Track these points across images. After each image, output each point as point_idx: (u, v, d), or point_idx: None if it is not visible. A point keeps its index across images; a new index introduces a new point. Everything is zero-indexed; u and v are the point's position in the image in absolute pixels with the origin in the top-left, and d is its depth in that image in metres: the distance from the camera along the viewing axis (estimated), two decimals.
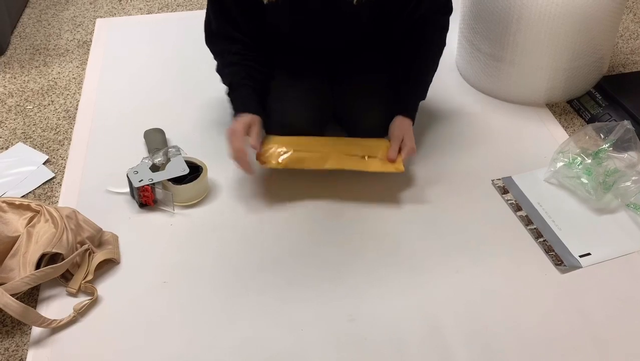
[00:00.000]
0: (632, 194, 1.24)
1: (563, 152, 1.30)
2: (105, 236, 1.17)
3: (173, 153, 1.27)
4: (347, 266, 1.14)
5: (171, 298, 1.08)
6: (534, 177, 1.33)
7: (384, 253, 1.16)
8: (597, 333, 1.03)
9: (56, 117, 1.53)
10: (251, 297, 1.09)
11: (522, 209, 1.25)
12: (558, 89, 1.54)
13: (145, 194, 1.23)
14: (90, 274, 1.09)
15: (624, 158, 1.30)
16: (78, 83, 1.64)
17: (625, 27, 1.88)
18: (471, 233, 1.21)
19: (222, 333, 1.03)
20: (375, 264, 1.14)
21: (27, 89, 1.63)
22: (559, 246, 1.17)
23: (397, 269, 1.13)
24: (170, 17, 1.94)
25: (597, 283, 1.11)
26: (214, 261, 1.15)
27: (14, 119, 1.52)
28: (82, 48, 1.79)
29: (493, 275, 1.12)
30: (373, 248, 1.17)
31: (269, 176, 1.32)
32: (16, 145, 1.42)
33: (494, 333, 1.03)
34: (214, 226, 1.22)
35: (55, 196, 1.30)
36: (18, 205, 1.13)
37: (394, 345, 1.01)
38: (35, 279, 1.03)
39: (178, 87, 1.61)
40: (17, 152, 1.41)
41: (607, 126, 1.34)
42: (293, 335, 1.02)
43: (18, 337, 1.03)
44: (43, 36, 1.86)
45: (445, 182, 1.32)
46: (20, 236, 1.08)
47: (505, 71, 1.52)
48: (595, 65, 1.54)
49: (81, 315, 1.05)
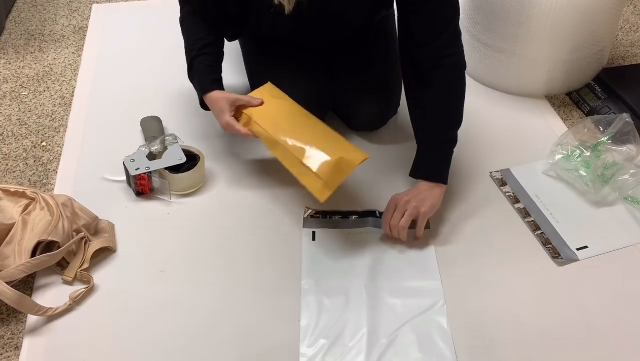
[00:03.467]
0: (630, 187, 1.24)
1: (561, 145, 1.30)
2: (101, 224, 1.16)
3: (170, 141, 1.27)
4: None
5: (167, 287, 1.08)
6: (532, 170, 1.32)
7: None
8: (594, 325, 1.03)
9: (52, 103, 1.51)
10: (248, 286, 1.08)
11: (520, 202, 1.25)
12: (557, 81, 1.53)
13: (142, 183, 1.22)
14: (86, 262, 1.09)
15: (623, 151, 1.30)
16: (74, 69, 1.63)
17: (626, 19, 1.87)
18: (468, 224, 1.20)
19: (219, 322, 1.03)
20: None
21: (22, 74, 1.61)
22: (556, 239, 1.17)
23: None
24: (167, 2, 1.91)
25: (594, 276, 1.11)
26: (211, 249, 1.15)
27: (9, 105, 1.51)
28: (78, 34, 1.78)
29: (490, 267, 1.12)
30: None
31: (265, 165, 1.31)
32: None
33: (490, 324, 1.03)
34: (210, 214, 1.22)
35: (51, 184, 1.29)
36: (13, 192, 1.12)
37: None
38: (30, 267, 1.03)
39: (175, 74, 1.59)
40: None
41: (606, 118, 1.34)
42: (291, 325, 1.02)
43: (13, 325, 1.03)
44: (38, 21, 1.84)
45: None
46: (16, 223, 1.07)
47: (504, 62, 1.51)
48: (595, 57, 1.53)
49: (77, 303, 1.05)
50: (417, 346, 0.98)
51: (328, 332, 1.00)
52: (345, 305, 1.04)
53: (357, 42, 1.36)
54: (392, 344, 0.98)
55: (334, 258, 1.13)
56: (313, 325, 1.01)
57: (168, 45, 1.71)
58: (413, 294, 1.06)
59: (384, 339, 0.99)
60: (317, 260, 1.12)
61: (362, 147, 1.37)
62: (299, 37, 1.30)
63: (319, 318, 1.02)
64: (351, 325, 1.01)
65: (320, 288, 1.07)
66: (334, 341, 0.99)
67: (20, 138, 1.41)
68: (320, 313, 1.03)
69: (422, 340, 0.99)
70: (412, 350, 0.97)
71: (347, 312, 1.03)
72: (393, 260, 1.12)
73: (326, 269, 1.10)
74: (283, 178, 1.29)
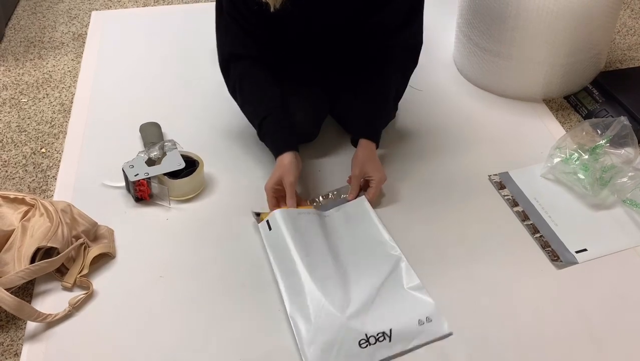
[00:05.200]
0: (628, 190, 1.24)
1: (560, 148, 1.30)
2: (100, 230, 1.16)
3: (169, 147, 1.27)
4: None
5: (167, 293, 1.08)
6: (530, 173, 1.33)
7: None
8: (593, 328, 1.03)
9: (51, 110, 1.52)
10: (248, 291, 1.08)
11: (518, 205, 1.25)
12: (555, 85, 1.53)
13: (141, 189, 1.22)
14: (85, 268, 1.09)
15: (621, 154, 1.30)
16: (73, 76, 1.63)
17: (623, 22, 1.88)
18: (467, 228, 1.20)
19: (219, 327, 1.03)
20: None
21: (21, 82, 1.62)
22: (555, 242, 1.17)
23: None
24: (167, 9, 1.93)
25: (593, 279, 1.11)
26: (210, 255, 1.15)
27: (9, 112, 1.51)
28: (78, 41, 1.78)
29: (489, 271, 1.12)
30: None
31: (265, 171, 1.32)
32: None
33: (490, 328, 1.03)
34: (209, 220, 1.22)
35: (51, 190, 1.29)
36: (13, 199, 1.12)
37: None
38: (30, 274, 1.03)
39: (174, 80, 1.60)
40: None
41: (604, 122, 1.34)
42: (291, 330, 1.02)
43: (13, 332, 1.03)
44: (38, 28, 1.84)
45: (442, 177, 1.32)
46: (15, 230, 1.07)
47: (502, 66, 1.52)
48: (593, 61, 1.53)
49: (76, 309, 1.05)
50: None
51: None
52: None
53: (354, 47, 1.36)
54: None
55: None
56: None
57: (167, 52, 1.71)
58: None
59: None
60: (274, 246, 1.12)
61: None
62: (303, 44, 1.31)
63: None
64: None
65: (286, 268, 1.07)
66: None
67: (19, 145, 1.41)
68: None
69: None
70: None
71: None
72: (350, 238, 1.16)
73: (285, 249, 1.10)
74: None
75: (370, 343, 0.96)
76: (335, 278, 1.05)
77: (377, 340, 0.97)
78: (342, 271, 1.07)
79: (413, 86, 1.49)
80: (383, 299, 1.03)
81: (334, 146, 1.39)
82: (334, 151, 1.38)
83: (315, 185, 1.29)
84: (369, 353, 0.96)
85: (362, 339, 0.97)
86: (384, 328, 0.98)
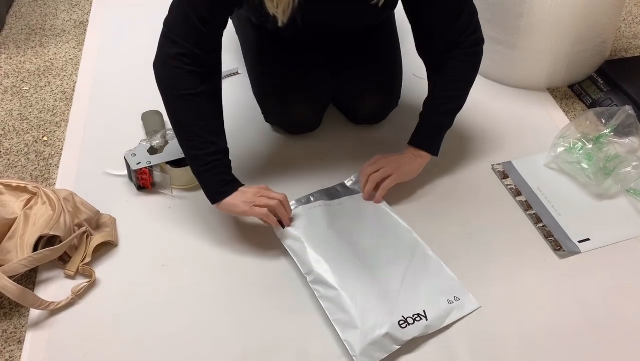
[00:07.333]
0: (632, 179, 1.23)
1: (563, 137, 1.30)
2: (102, 218, 1.16)
3: (171, 135, 1.26)
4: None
5: (169, 281, 1.08)
6: (534, 162, 1.32)
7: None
8: (595, 317, 1.03)
9: (53, 98, 1.51)
10: (251, 280, 1.09)
11: (521, 194, 1.25)
12: (559, 74, 1.52)
13: (143, 177, 1.22)
14: (87, 256, 1.09)
15: (625, 143, 1.30)
16: (75, 64, 1.63)
17: (628, 10, 1.86)
18: (470, 217, 1.20)
19: (221, 316, 1.03)
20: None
21: (23, 69, 1.61)
22: (558, 231, 1.17)
23: None
24: None
25: (596, 269, 1.11)
26: (212, 243, 1.15)
27: (10, 100, 1.51)
28: (79, 28, 1.77)
29: (491, 260, 1.12)
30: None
31: (267, 160, 1.31)
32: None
33: (491, 316, 1.03)
34: (212, 208, 1.21)
35: (53, 178, 1.29)
36: (15, 187, 1.12)
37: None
38: (32, 262, 1.03)
39: None
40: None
41: (608, 110, 1.33)
42: (294, 319, 1.02)
43: (16, 319, 1.03)
44: (39, 16, 1.83)
45: (445, 166, 1.31)
46: (17, 218, 1.07)
47: (506, 54, 1.51)
48: (597, 49, 1.52)
49: (79, 297, 1.05)
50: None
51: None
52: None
53: (358, 38, 1.35)
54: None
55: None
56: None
57: None
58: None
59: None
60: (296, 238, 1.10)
61: (364, 141, 1.38)
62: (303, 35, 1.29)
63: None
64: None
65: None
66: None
67: (21, 133, 1.41)
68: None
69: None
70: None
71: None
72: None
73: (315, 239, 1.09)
74: (284, 172, 1.29)
75: (409, 323, 0.98)
76: (362, 274, 1.05)
77: (415, 320, 0.99)
78: (367, 265, 1.07)
79: (416, 74, 1.49)
80: (410, 283, 1.04)
81: (335, 133, 1.38)
82: (336, 139, 1.37)
83: (318, 175, 1.29)
84: (406, 332, 0.97)
85: (400, 320, 0.98)
86: (417, 311, 1.00)
